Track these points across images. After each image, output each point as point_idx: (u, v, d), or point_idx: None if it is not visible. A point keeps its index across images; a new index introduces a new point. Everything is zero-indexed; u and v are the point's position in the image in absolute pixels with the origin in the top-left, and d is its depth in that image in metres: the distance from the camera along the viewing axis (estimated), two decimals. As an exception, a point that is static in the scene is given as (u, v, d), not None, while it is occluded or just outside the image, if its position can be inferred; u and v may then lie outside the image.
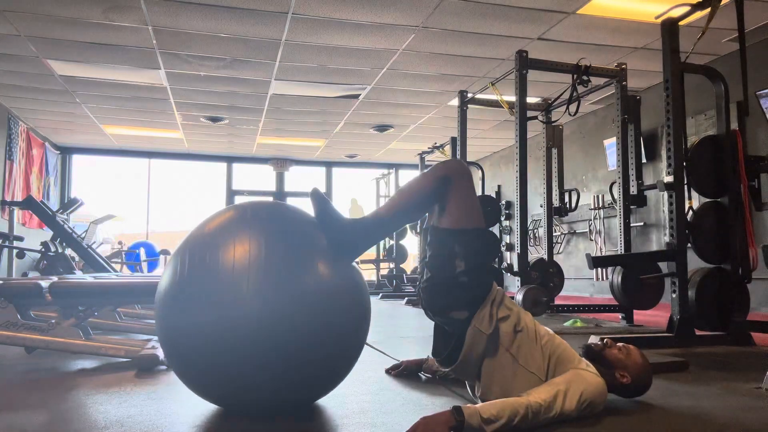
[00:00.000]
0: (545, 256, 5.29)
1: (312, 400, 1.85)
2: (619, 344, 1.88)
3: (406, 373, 2.38)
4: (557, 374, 1.71)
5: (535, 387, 1.66)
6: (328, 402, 1.91)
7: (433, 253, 1.79)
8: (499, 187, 9.89)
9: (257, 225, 1.68)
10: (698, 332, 3.33)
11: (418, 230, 8.06)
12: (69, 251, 6.12)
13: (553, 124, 5.56)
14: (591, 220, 7.80)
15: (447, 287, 1.75)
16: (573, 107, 4.47)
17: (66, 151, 10.34)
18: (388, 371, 2.43)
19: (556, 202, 5.51)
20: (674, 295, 3.32)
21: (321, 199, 1.77)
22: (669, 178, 3.38)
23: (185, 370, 1.71)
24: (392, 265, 9.32)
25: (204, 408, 1.82)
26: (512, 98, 4.61)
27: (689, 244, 3.39)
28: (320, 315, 1.62)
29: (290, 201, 11.57)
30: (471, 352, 1.73)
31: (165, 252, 9.75)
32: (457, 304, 1.74)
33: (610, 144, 7.14)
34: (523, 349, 1.73)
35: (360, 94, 7.16)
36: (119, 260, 8.93)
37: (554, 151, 5.57)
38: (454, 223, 1.77)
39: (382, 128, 8.85)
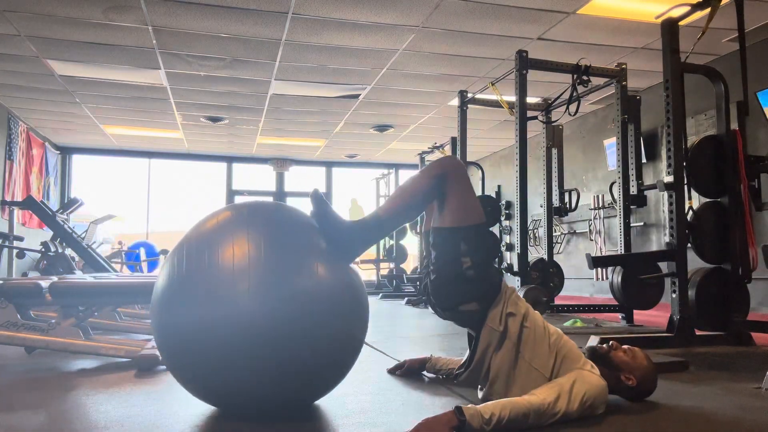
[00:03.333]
0: (545, 256, 5.28)
1: (311, 401, 1.84)
2: (625, 347, 1.88)
3: (409, 372, 2.38)
4: (562, 373, 1.71)
5: (539, 385, 1.66)
6: (329, 402, 1.91)
7: (438, 254, 1.81)
8: (499, 187, 9.89)
9: (255, 225, 1.67)
10: (698, 332, 3.33)
11: (418, 230, 8.04)
12: (69, 251, 6.11)
13: (553, 124, 5.56)
14: (591, 220, 7.80)
15: (454, 283, 1.77)
16: (573, 107, 4.47)
17: (66, 151, 10.34)
18: (391, 371, 2.43)
19: (556, 202, 5.51)
20: (674, 295, 3.32)
21: (320, 201, 1.77)
22: (669, 178, 3.38)
23: (181, 371, 1.70)
24: (392, 265, 9.32)
25: (204, 408, 1.81)
26: (512, 98, 4.61)
27: (689, 244, 3.39)
28: (318, 315, 1.61)
29: (290, 201, 11.58)
30: (485, 353, 1.75)
31: (165, 252, 9.73)
32: (465, 297, 1.76)
33: (610, 144, 7.14)
34: (529, 345, 1.73)
35: (360, 94, 7.16)
36: (119, 260, 8.93)
37: (554, 151, 5.56)
38: (457, 220, 1.78)
39: (382, 128, 8.85)
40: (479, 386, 1.85)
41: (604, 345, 1.88)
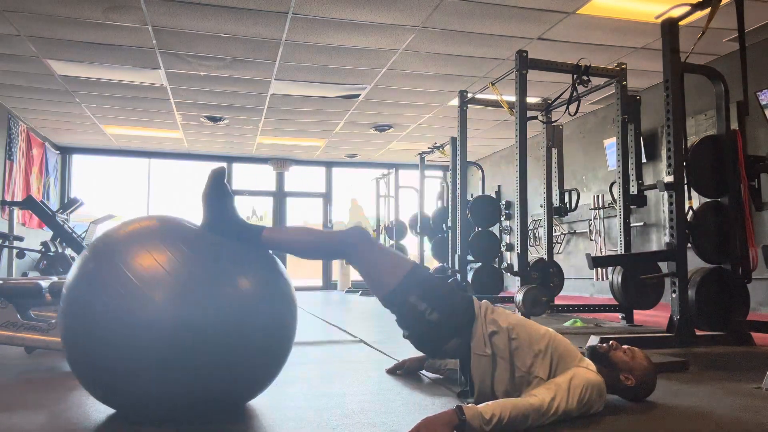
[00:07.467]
0: (545, 256, 5.28)
1: (242, 402, 1.83)
2: (625, 347, 1.88)
3: (408, 372, 2.38)
4: (559, 372, 1.71)
5: (538, 387, 1.66)
6: (328, 402, 1.91)
7: (398, 314, 1.84)
8: (499, 187, 9.86)
9: (172, 233, 1.71)
10: (698, 332, 3.33)
11: (418, 231, 7.99)
12: (69, 251, 6.11)
13: (553, 124, 5.56)
14: (591, 220, 7.80)
15: (427, 331, 1.79)
16: (573, 107, 4.47)
17: (66, 151, 10.34)
18: (390, 371, 2.43)
19: (556, 202, 5.51)
20: (674, 295, 3.32)
21: (219, 181, 1.88)
22: (669, 178, 3.38)
23: (87, 376, 1.67)
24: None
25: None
26: (512, 98, 4.60)
27: (689, 244, 3.39)
28: (236, 321, 1.60)
29: (290, 201, 11.59)
30: (483, 379, 1.76)
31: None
32: (444, 338, 1.79)
33: (610, 144, 7.14)
34: (521, 356, 1.74)
35: (360, 94, 7.15)
36: (119, 260, 8.91)
37: (554, 151, 5.56)
38: (391, 281, 1.80)
39: (382, 128, 8.85)
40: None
41: (604, 344, 1.88)
